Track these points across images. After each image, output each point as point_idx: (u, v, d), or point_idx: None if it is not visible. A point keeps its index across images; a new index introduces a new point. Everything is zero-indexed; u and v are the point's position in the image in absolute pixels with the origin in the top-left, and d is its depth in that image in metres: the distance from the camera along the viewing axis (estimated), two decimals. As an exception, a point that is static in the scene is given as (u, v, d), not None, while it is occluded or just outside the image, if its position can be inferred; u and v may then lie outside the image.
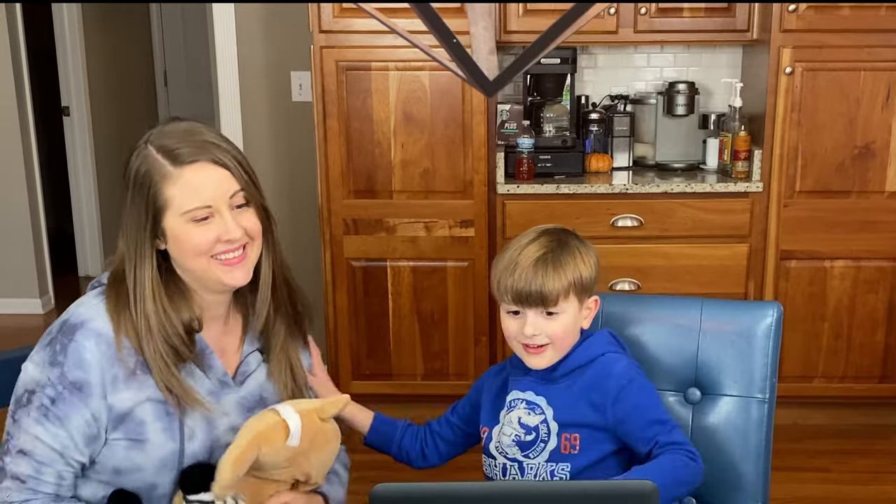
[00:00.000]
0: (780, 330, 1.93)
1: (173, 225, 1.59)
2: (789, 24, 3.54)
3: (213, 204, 1.60)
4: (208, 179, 1.60)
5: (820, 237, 3.69)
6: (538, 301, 1.75)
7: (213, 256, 1.62)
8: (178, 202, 1.58)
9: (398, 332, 3.83)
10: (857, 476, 3.57)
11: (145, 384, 1.61)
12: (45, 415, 1.57)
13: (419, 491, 1.19)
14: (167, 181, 1.58)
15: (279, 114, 4.24)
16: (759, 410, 1.91)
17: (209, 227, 1.60)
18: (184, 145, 1.60)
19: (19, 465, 1.57)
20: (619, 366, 1.79)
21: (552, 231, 1.83)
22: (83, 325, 1.60)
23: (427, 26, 0.81)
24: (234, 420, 1.69)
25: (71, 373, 1.57)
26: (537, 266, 1.75)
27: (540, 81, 3.95)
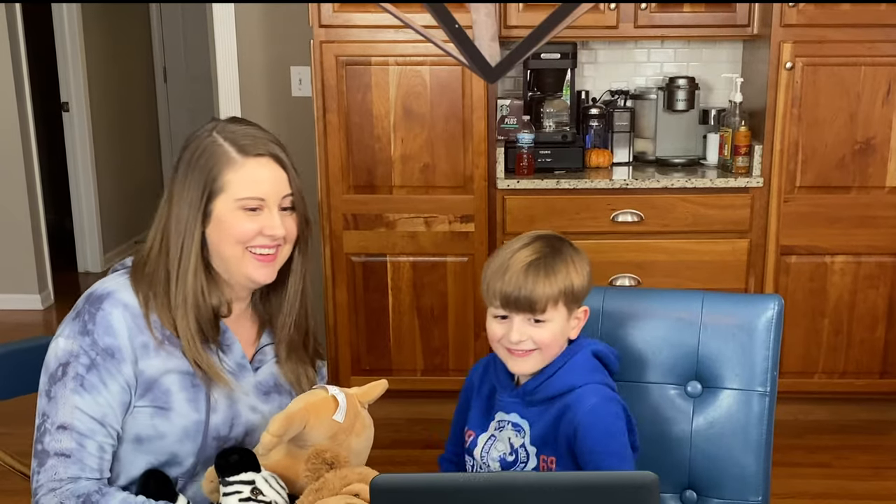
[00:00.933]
0: (781, 323, 1.92)
1: (223, 208, 1.65)
2: (790, 18, 3.54)
3: (266, 198, 1.67)
4: (268, 175, 1.67)
5: (820, 232, 3.69)
6: (526, 307, 1.70)
7: (249, 249, 1.67)
8: (234, 188, 1.65)
9: (398, 327, 3.83)
10: (857, 471, 3.57)
11: (173, 355, 1.65)
12: (82, 384, 1.60)
13: (419, 482, 1.19)
14: (230, 167, 1.65)
15: (279, 109, 4.23)
16: (759, 404, 1.90)
17: (255, 219, 1.66)
18: (251, 140, 1.67)
19: (61, 440, 1.60)
20: (587, 403, 1.71)
21: (546, 237, 1.78)
22: (110, 296, 1.65)
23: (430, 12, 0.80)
24: (253, 401, 1.75)
25: (101, 339, 1.61)
26: (528, 271, 1.70)
27: (540, 76, 3.94)
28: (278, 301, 1.79)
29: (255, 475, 1.57)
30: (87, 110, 6.15)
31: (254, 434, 1.74)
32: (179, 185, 1.67)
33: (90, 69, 6.17)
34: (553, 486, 1.19)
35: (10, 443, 2.21)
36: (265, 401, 1.77)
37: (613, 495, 1.20)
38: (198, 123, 5.74)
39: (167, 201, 1.69)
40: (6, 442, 2.22)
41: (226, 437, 1.71)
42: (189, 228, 1.66)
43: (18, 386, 1.94)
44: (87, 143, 6.21)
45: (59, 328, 1.67)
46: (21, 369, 1.93)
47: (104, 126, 6.43)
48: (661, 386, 1.96)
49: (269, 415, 1.72)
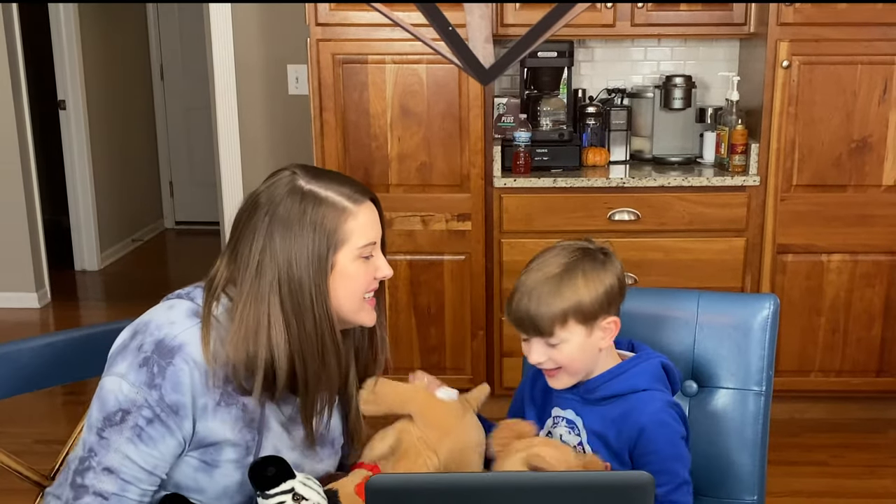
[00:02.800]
0: (776, 322, 1.93)
1: (345, 261, 1.63)
2: (786, 17, 3.54)
3: (377, 242, 1.68)
4: (375, 218, 1.67)
5: (817, 231, 3.69)
6: (533, 330, 1.70)
7: (364, 297, 1.68)
8: (356, 237, 1.63)
9: (395, 326, 3.83)
10: (853, 470, 3.57)
11: (228, 415, 1.61)
12: (139, 435, 1.57)
13: (414, 482, 1.19)
14: (347, 217, 1.62)
15: (275, 107, 4.23)
16: (755, 403, 1.91)
17: (369, 266, 1.67)
18: (352, 187, 1.65)
19: (104, 482, 1.57)
20: (653, 406, 1.70)
21: (568, 250, 1.74)
22: (181, 349, 1.58)
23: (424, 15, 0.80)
24: (297, 456, 1.71)
25: (168, 396, 1.56)
26: (533, 293, 1.68)
27: (537, 75, 3.94)
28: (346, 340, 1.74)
29: (293, 482, 1.57)
30: (83, 108, 6.15)
31: None
32: (289, 246, 1.59)
33: (87, 67, 6.16)
34: (549, 485, 1.20)
35: (7, 442, 2.21)
36: (308, 455, 1.73)
37: (609, 495, 1.20)
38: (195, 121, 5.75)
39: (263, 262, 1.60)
40: (3, 441, 2.22)
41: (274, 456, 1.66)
42: (322, 290, 1.61)
43: (15, 385, 1.93)
44: (84, 141, 6.20)
45: (118, 363, 1.60)
46: (18, 369, 1.92)
47: (101, 124, 6.42)
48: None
49: (308, 469, 1.71)
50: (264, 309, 1.59)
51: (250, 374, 1.59)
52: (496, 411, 3.90)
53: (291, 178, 1.63)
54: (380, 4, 0.89)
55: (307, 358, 1.61)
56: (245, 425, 1.62)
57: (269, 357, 1.59)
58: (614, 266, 1.75)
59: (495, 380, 3.87)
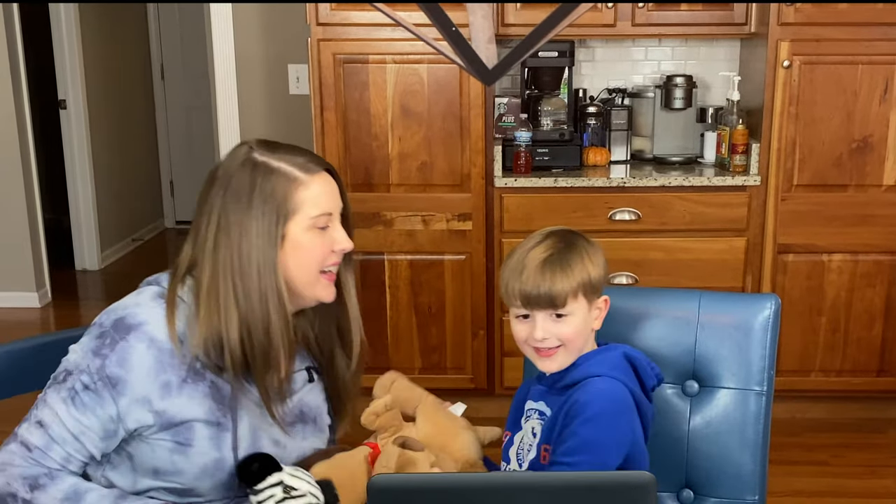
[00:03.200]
0: (777, 322, 1.93)
1: (296, 231, 1.62)
2: (787, 17, 3.54)
3: (333, 213, 1.66)
4: (331, 189, 1.67)
5: (817, 231, 3.69)
6: (547, 303, 1.71)
7: (321, 270, 1.66)
8: (307, 207, 1.62)
9: (396, 325, 3.83)
10: (854, 469, 3.57)
11: (197, 391, 1.61)
12: (73, 398, 1.58)
13: (417, 482, 1.19)
14: (298, 187, 1.61)
15: (276, 107, 4.23)
16: (756, 403, 1.91)
17: (324, 238, 1.65)
18: (306, 158, 1.66)
19: (32, 434, 1.58)
20: (592, 390, 1.68)
21: (558, 232, 1.78)
22: (139, 328, 1.59)
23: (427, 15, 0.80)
24: (278, 433, 1.70)
25: (110, 368, 1.57)
26: (545, 267, 1.70)
27: (537, 75, 3.94)
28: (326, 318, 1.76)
29: (280, 474, 1.57)
30: (84, 108, 6.15)
31: None
32: (240, 218, 1.60)
33: (87, 66, 6.16)
34: (550, 485, 1.20)
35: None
36: (289, 432, 1.72)
37: (611, 495, 1.20)
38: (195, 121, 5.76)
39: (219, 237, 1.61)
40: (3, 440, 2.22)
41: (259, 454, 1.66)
42: (269, 260, 1.60)
43: (16, 385, 1.93)
44: (85, 140, 6.20)
45: (84, 335, 1.64)
46: (18, 369, 1.92)
47: (101, 123, 6.42)
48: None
49: (291, 448, 1.71)
50: (219, 284, 1.60)
51: (218, 352, 1.60)
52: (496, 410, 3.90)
53: (247, 151, 1.65)
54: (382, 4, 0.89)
55: (254, 334, 1.60)
56: (215, 402, 1.62)
57: (224, 334, 1.59)
58: (600, 248, 1.80)
59: (496, 379, 3.87)
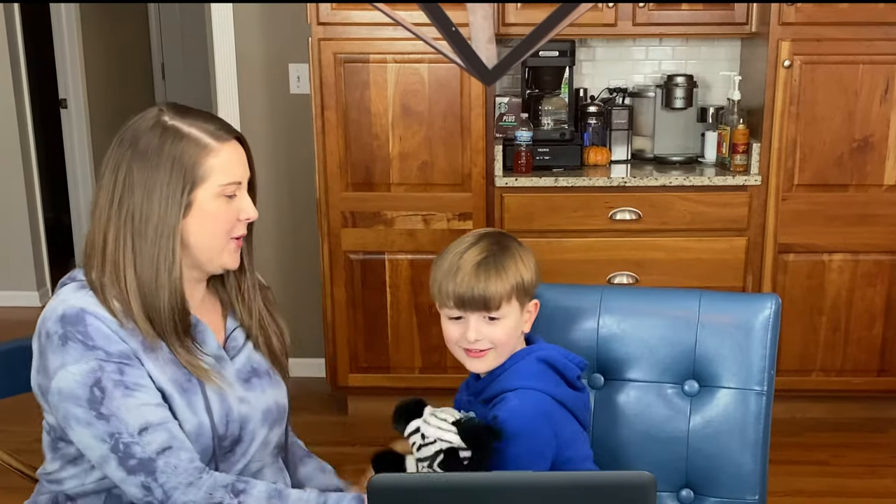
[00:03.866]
0: (778, 322, 1.93)
1: (204, 198, 1.61)
2: (788, 17, 3.54)
3: (241, 181, 1.66)
4: (239, 159, 1.66)
5: (818, 230, 3.69)
6: (481, 305, 1.71)
7: (228, 237, 1.66)
8: (216, 175, 1.61)
9: (396, 325, 3.83)
10: (854, 469, 3.58)
11: (157, 359, 1.61)
12: (126, 386, 1.55)
13: (415, 482, 1.19)
14: (208, 154, 1.60)
15: (277, 106, 4.23)
16: (756, 403, 1.91)
17: (232, 205, 1.64)
18: (216, 125, 1.64)
19: (152, 440, 1.54)
20: (508, 408, 1.68)
21: (491, 235, 1.78)
22: (84, 311, 1.57)
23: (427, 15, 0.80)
24: (239, 391, 1.71)
25: (109, 347, 1.56)
26: (479, 270, 1.70)
27: (538, 74, 3.94)
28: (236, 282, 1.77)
29: (418, 421, 1.61)
30: (85, 107, 6.14)
31: (247, 426, 1.70)
32: (144, 179, 1.59)
33: (88, 66, 6.16)
34: (550, 486, 1.20)
35: (7, 440, 2.22)
36: (248, 388, 1.72)
37: (610, 495, 1.20)
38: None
39: (122, 196, 1.60)
40: (3, 439, 2.22)
41: (223, 435, 1.66)
42: (168, 224, 1.59)
43: (15, 384, 1.93)
44: (85, 139, 6.20)
45: (51, 362, 1.57)
46: (18, 367, 1.92)
47: (102, 123, 6.42)
48: (658, 384, 1.96)
49: (256, 403, 1.72)
50: (119, 243, 1.60)
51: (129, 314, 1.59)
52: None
53: (157, 114, 1.64)
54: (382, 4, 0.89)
55: (149, 295, 1.59)
56: (177, 367, 1.62)
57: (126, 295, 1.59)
58: (531, 252, 1.81)
59: (496, 379, 3.87)
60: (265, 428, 1.74)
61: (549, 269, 3.68)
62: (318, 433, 3.88)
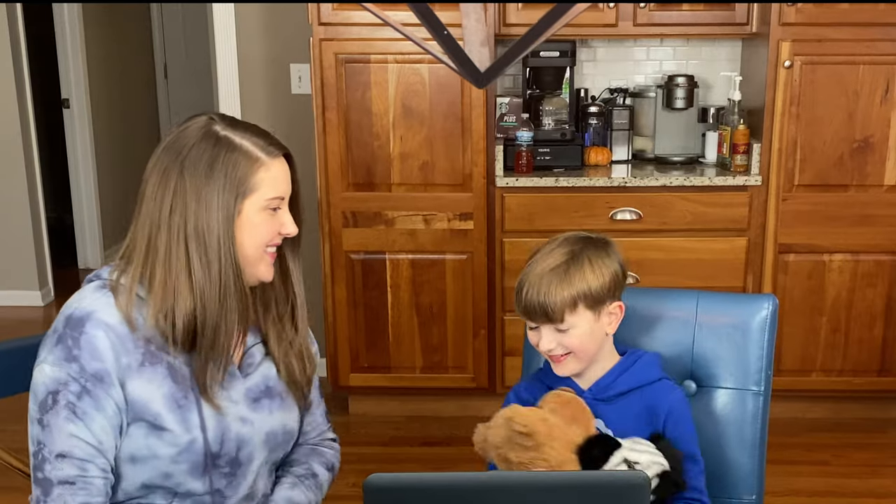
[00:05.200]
0: (775, 322, 1.93)
1: (251, 209, 1.63)
2: (788, 17, 3.54)
3: (285, 197, 1.68)
4: (285, 175, 1.68)
5: (818, 231, 3.69)
6: (544, 317, 1.74)
7: (266, 249, 1.68)
8: (265, 188, 1.63)
9: (397, 324, 3.84)
10: (855, 469, 3.58)
11: (155, 374, 1.61)
12: (74, 412, 1.56)
13: (412, 481, 1.19)
14: (259, 167, 1.62)
15: (278, 106, 4.24)
16: (754, 403, 1.91)
17: (275, 219, 1.67)
18: (267, 139, 1.66)
19: (63, 468, 1.56)
20: (676, 394, 1.80)
21: (570, 240, 1.80)
22: (90, 317, 1.58)
23: (419, 18, 0.81)
24: (243, 411, 1.70)
25: (89, 365, 1.56)
26: (542, 282, 1.74)
27: (539, 74, 3.95)
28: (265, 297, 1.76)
29: (622, 451, 1.61)
30: (87, 107, 6.16)
31: (245, 448, 1.69)
32: (198, 188, 1.60)
33: (91, 65, 6.17)
34: (546, 485, 1.20)
35: (6, 439, 2.22)
36: (254, 408, 1.72)
37: (606, 494, 1.20)
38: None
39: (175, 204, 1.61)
40: (3, 438, 2.23)
41: (217, 453, 1.65)
42: (227, 231, 1.61)
43: (16, 384, 1.94)
44: (88, 139, 6.21)
45: (41, 352, 1.61)
46: (19, 367, 1.92)
47: (105, 122, 6.43)
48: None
49: (260, 424, 1.71)
50: (173, 249, 1.60)
51: (169, 323, 1.60)
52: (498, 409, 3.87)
53: (208, 122, 1.65)
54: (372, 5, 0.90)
55: (208, 305, 1.60)
56: (175, 383, 1.61)
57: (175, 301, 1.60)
58: (616, 253, 1.83)
59: (497, 378, 3.87)
60: (265, 451, 1.74)
61: (550, 269, 3.69)
62: (318, 433, 3.89)
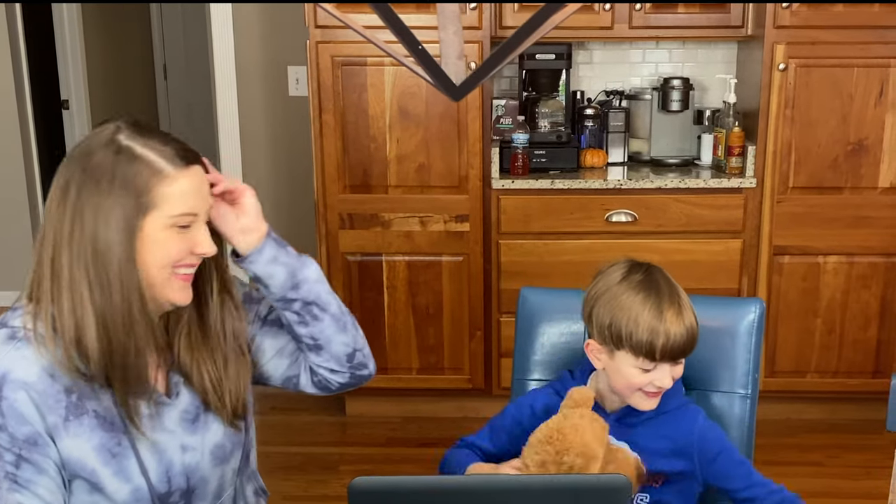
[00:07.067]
0: (762, 326, 1.95)
1: (153, 227, 1.48)
2: (783, 20, 3.55)
3: (197, 213, 1.52)
4: (197, 188, 1.53)
5: (813, 233, 3.70)
6: (688, 351, 1.73)
7: (175, 270, 1.52)
8: (169, 205, 1.48)
9: (393, 326, 3.85)
10: (849, 470, 3.59)
11: (82, 427, 1.50)
12: (16, 482, 1.47)
13: (397, 484, 1.21)
14: (161, 180, 1.48)
15: (276, 108, 4.25)
16: (741, 406, 1.93)
17: (185, 237, 1.51)
18: (176, 148, 1.52)
19: None
20: (702, 416, 1.80)
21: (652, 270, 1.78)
22: (6, 379, 1.46)
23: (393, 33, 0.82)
24: (182, 437, 1.60)
25: (18, 431, 1.46)
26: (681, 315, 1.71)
27: (535, 77, 3.96)
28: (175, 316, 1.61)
29: None
30: (87, 108, 6.17)
31: (195, 475, 1.60)
32: (96, 203, 1.45)
33: (90, 67, 6.19)
34: (528, 488, 1.22)
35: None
36: (194, 430, 1.60)
37: (587, 497, 1.22)
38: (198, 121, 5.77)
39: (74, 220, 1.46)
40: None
41: (167, 493, 1.57)
42: (126, 251, 1.46)
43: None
44: (87, 140, 6.22)
45: None
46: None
47: (104, 124, 6.44)
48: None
49: (203, 444, 1.61)
50: (76, 278, 1.47)
51: (82, 357, 1.48)
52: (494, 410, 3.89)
53: (113, 131, 1.50)
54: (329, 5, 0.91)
55: (113, 333, 1.47)
56: (105, 432, 1.52)
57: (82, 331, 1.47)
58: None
59: (493, 380, 3.89)
60: (217, 468, 1.65)
61: (545, 271, 3.70)
62: (316, 433, 3.91)
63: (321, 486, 3.51)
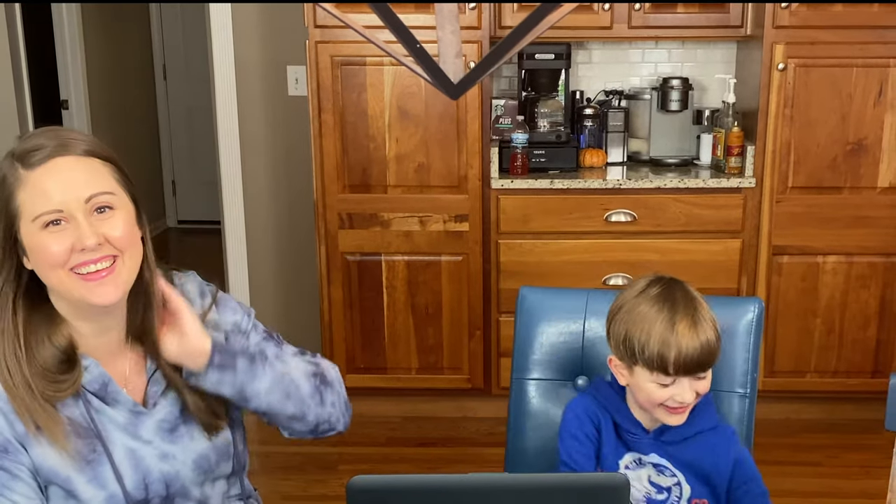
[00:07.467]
0: (761, 325, 1.95)
1: (27, 233, 1.45)
2: (782, 20, 3.55)
3: (64, 208, 1.44)
4: (60, 181, 1.45)
5: (812, 232, 3.71)
6: (707, 364, 1.70)
7: (73, 270, 1.46)
8: (28, 207, 1.44)
9: (393, 325, 3.85)
10: (848, 470, 3.59)
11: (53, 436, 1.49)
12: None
13: (395, 483, 1.21)
14: (19, 185, 1.44)
15: (275, 108, 4.25)
16: (740, 405, 1.93)
17: (63, 235, 1.45)
18: (38, 147, 1.46)
19: None
20: (734, 439, 1.79)
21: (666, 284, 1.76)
22: None
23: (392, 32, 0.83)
24: (160, 446, 1.58)
25: None
26: (700, 329, 1.68)
27: (534, 76, 3.96)
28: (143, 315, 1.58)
29: None
30: (86, 108, 6.17)
31: (175, 485, 1.58)
32: None
33: (90, 67, 6.19)
34: (528, 487, 1.22)
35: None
36: (173, 440, 1.59)
37: (587, 496, 1.22)
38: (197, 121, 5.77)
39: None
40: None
41: (144, 500, 1.55)
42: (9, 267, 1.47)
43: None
44: (87, 140, 6.22)
45: None
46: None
47: (104, 124, 6.44)
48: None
49: (184, 454, 1.59)
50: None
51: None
52: (493, 410, 3.91)
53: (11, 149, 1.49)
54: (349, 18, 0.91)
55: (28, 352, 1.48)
56: (79, 438, 1.51)
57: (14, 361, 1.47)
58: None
59: (492, 379, 3.89)
60: (199, 478, 1.61)
61: (545, 270, 3.71)
62: (314, 433, 3.91)
63: (320, 486, 3.51)
